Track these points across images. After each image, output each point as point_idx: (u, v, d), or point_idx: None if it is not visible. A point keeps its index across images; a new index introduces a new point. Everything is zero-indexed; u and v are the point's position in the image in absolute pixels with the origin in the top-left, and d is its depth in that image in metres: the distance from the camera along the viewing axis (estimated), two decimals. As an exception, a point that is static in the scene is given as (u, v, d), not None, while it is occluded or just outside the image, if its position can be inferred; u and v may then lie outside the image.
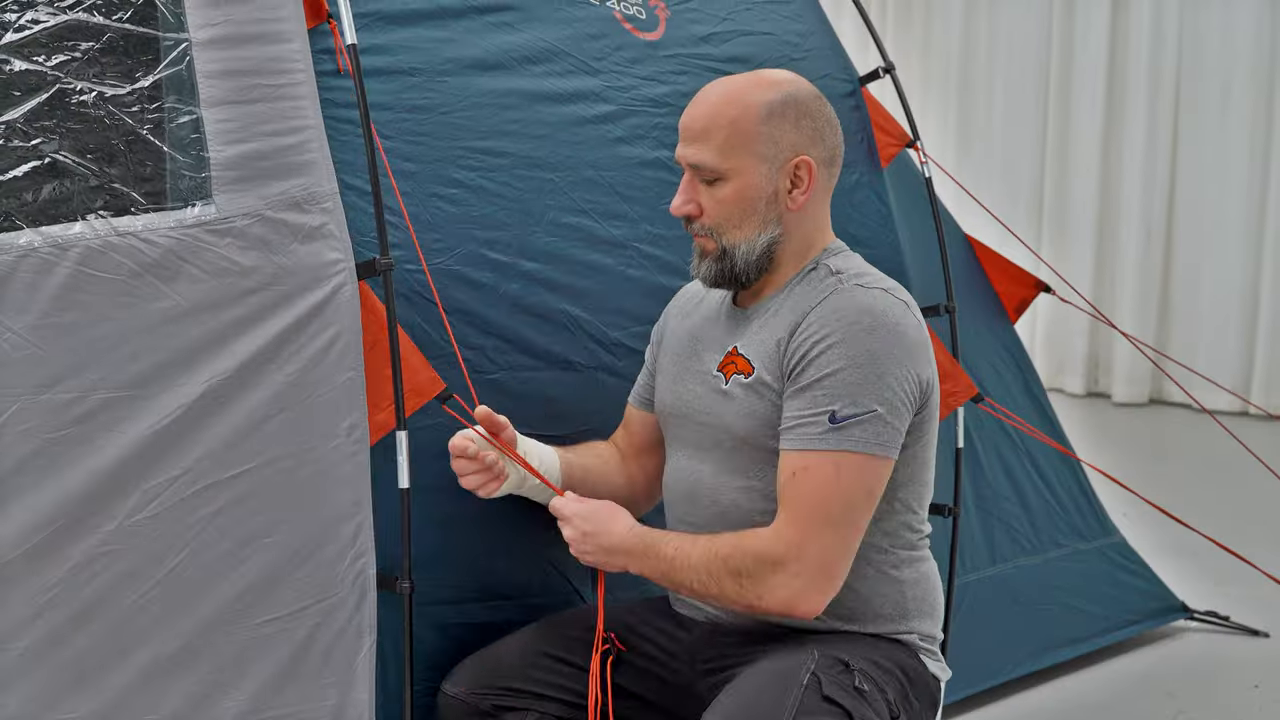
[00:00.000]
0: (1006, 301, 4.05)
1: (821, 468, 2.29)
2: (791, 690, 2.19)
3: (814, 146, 2.47)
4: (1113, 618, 4.07)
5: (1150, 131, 8.42)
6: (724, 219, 2.46)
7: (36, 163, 2.33)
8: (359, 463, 2.46)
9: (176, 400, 2.32)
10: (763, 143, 2.43)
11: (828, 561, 2.29)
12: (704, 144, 2.45)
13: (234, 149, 2.44)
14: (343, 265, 2.48)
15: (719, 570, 2.33)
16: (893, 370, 2.30)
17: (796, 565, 2.28)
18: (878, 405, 2.29)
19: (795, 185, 2.46)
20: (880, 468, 2.32)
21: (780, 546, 2.29)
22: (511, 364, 2.75)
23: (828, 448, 2.28)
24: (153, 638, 2.29)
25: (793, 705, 2.16)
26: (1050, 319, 8.84)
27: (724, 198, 2.45)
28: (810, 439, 2.30)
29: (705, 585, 2.35)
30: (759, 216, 2.46)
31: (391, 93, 2.73)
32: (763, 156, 2.43)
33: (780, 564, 2.28)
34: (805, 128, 2.46)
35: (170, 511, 2.30)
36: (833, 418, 2.29)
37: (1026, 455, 3.96)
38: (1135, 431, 7.87)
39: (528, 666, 2.55)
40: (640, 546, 2.44)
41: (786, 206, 2.47)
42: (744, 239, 2.46)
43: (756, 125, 2.43)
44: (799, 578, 2.28)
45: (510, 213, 2.81)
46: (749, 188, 2.44)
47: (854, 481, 2.30)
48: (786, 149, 2.44)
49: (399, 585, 2.47)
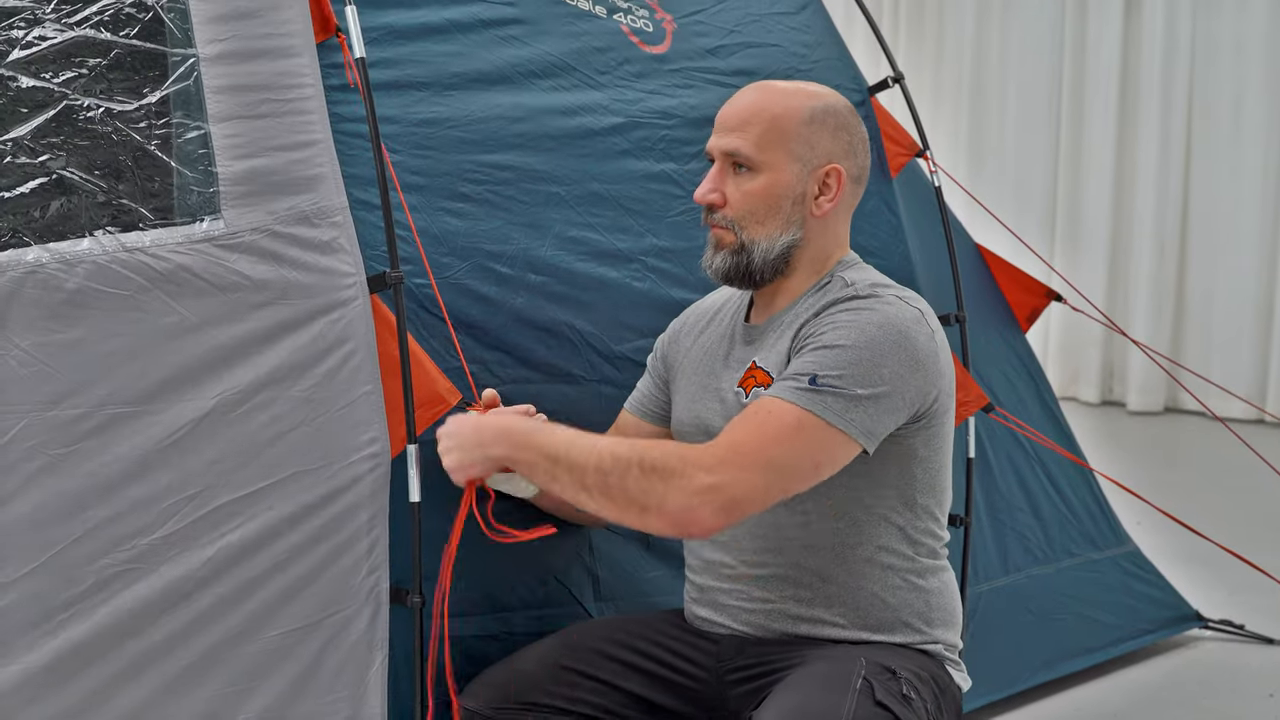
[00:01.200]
0: (1018, 311, 4.05)
1: (785, 416, 2.24)
2: (847, 694, 2.18)
3: (847, 159, 2.49)
4: (1127, 627, 4.05)
5: (1163, 140, 8.41)
6: (748, 212, 2.47)
7: (44, 179, 2.33)
8: (379, 477, 2.46)
9: (185, 416, 2.32)
10: (800, 144, 2.45)
11: (742, 495, 2.21)
12: (743, 133, 2.46)
13: (242, 164, 2.44)
14: (354, 279, 2.48)
15: (630, 458, 2.23)
16: (888, 366, 2.29)
17: (715, 480, 2.19)
18: (860, 388, 2.26)
19: (823, 192, 2.48)
20: (840, 444, 2.27)
21: (710, 459, 2.20)
22: (515, 377, 2.76)
23: (796, 401, 2.25)
24: (167, 653, 2.29)
25: (850, 709, 2.15)
26: (1064, 328, 8.83)
27: (752, 190, 2.46)
28: (786, 389, 2.27)
29: (603, 474, 2.24)
30: (783, 216, 2.47)
31: (399, 106, 2.74)
32: (797, 157, 2.45)
33: (701, 473, 2.19)
34: (842, 139, 2.49)
35: (185, 530, 2.30)
36: (813, 379, 2.26)
37: (1039, 464, 3.96)
38: (1150, 440, 7.85)
39: (547, 680, 2.54)
40: (526, 424, 2.37)
41: (811, 211, 2.48)
42: (765, 235, 2.47)
43: (797, 126, 2.45)
44: (712, 493, 2.18)
45: (517, 226, 2.81)
46: (779, 184, 2.45)
47: (809, 444, 2.25)
48: (821, 155, 2.46)
49: (410, 599, 2.47)
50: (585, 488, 2.28)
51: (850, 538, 2.42)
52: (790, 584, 2.45)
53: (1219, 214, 8.36)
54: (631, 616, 2.73)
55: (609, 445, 2.28)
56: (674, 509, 2.20)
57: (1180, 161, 8.43)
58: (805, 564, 2.44)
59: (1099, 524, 4.13)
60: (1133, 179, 8.62)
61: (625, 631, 2.62)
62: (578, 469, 2.27)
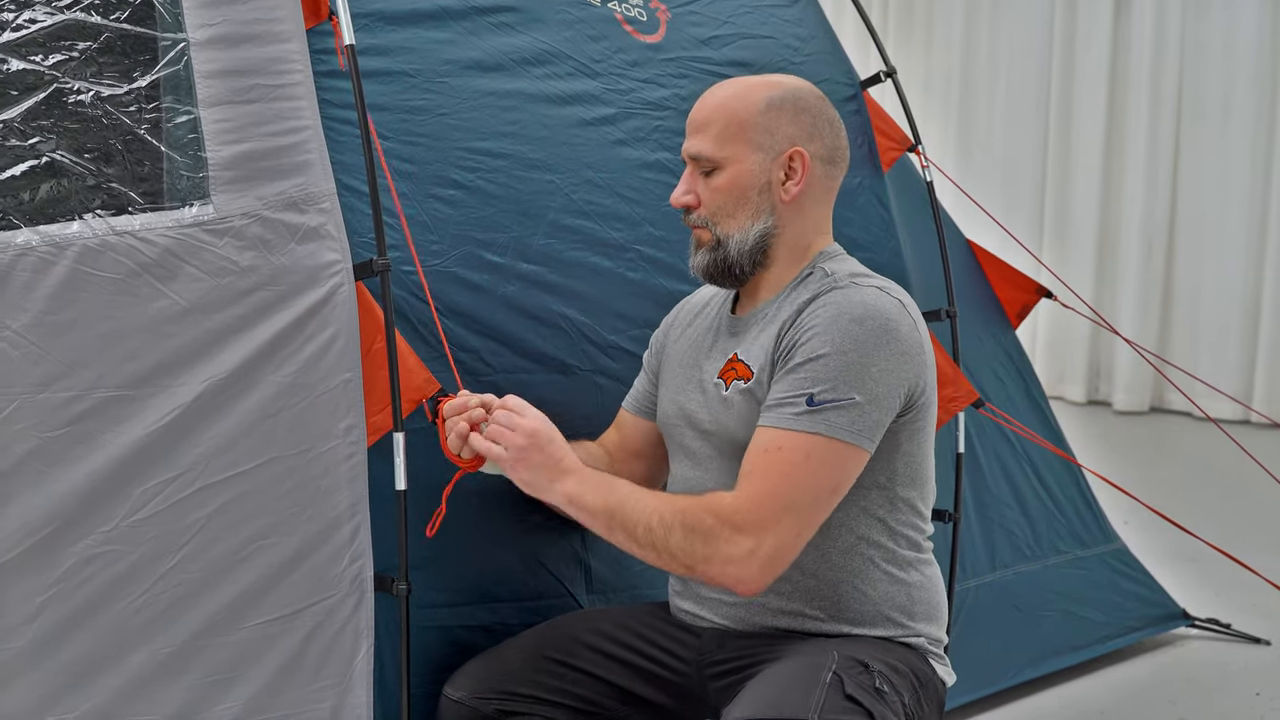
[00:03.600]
0: (1008, 307, 4.04)
1: (794, 451, 2.27)
2: (815, 688, 2.17)
3: (810, 141, 2.48)
4: (1113, 625, 4.05)
5: (1151, 137, 8.42)
6: (718, 208, 2.48)
7: (34, 162, 2.32)
8: (356, 464, 2.46)
9: (174, 400, 2.31)
10: (758, 132, 2.45)
11: (781, 549, 2.27)
12: (704, 134, 2.48)
13: (231, 149, 2.43)
14: (340, 266, 2.47)
15: (673, 519, 2.30)
16: (877, 363, 2.29)
17: (753, 543, 2.26)
18: (856, 394, 2.28)
19: (789, 177, 2.48)
20: (851, 457, 2.30)
21: (740, 518, 2.26)
22: (507, 366, 2.74)
23: (801, 429, 2.27)
24: (149, 639, 2.28)
25: (817, 703, 2.14)
26: (1051, 327, 8.84)
27: (719, 186, 2.47)
28: (785, 418, 2.29)
29: (651, 532, 2.31)
30: (752, 206, 2.47)
31: (390, 93, 2.73)
32: (758, 146, 2.45)
33: (737, 535, 2.26)
34: (803, 122, 2.48)
35: (168, 513, 2.30)
36: (810, 400, 2.28)
37: (1027, 461, 3.95)
38: (1136, 439, 7.86)
39: (531, 671, 2.54)
40: (594, 475, 2.41)
41: (780, 198, 2.47)
42: (737, 228, 2.47)
43: (754, 115, 2.46)
44: (752, 556, 2.26)
45: (509, 214, 2.80)
46: (743, 175, 2.46)
47: (822, 470, 2.28)
48: (782, 140, 2.46)
49: (395, 587, 2.46)
50: (638, 544, 2.34)
51: (829, 530, 2.42)
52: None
53: (1207, 213, 8.37)
54: (615, 608, 2.73)
55: (657, 505, 2.33)
56: (718, 573, 2.29)
57: (1168, 160, 8.44)
58: (785, 558, 2.44)
59: (1086, 521, 4.12)
60: (1121, 177, 8.64)
61: (609, 623, 2.62)
62: (630, 526, 2.34)
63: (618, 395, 2.83)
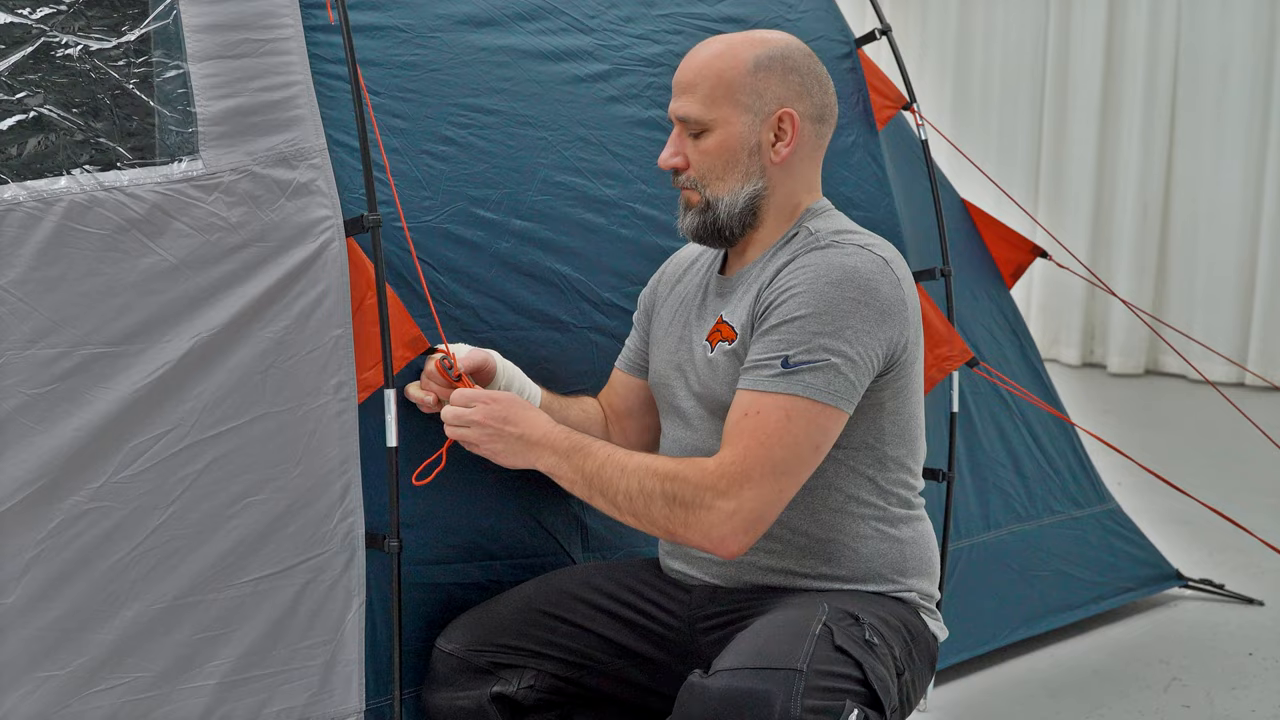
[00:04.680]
0: (1003, 267, 4.03)
1: (773, 412, 2.27)
2: (804, 639, 2.17)
3: (799, 101, 2.46)
4: (1107, 585, 4.06)
5: (1148, 97, 8.38)
6: (708, 170, 2.46)
7: (21, 116, 2.31)
8: (346, 421, 2.45)
9: (163, 357, 2.30)
10: (747, 94, 2.43)
11: (762, 510, 2.27)
12: (691, 95, 2.45)
13: (221, 104, 2.42)
14: (331, 222, 2.46)
15: (653, 488, 2.30)
16: (852, 325, 2.28)
17: (733, 505, 2.25)
18: (832, 355, 2.27)
19: (779, 138, 2.46)
20: (830, 418, 2.29)
21: (723, 483, 2.26)
22: (503, 323, 2.73)
23: (777, 390, 2.27)
24: (139, 596, 2.28)
25: (806, 654, 2.13)
26: (1046, 289, 8.82)
27: (708, 148, 2.45)
28: (762, 380, 2.29)
29: (631, 500, 2.32)
30: (742, 168, 2.45)
31: (381, 49, 2.71)
32: (746, 107, 2.43)
33: (717, 500, 2.26)
34: (792, 82, 2.45)
35: (157, 469, 2.29)
36: (785, 362, 2.27)
37: (1022, 421, 3.95)
38: (1130, 402, 7.86)
39: (524, 624, 2.55)
40: (567, 443, 2.41)
41: (769, 159, 2.46)
42: (727, 191, 2.46)
43: (742, 77, 2.43)
44: (732, 519, 2.25)
45: (501, 171, 2.79)
46: (732, 138, 2.44)
47: (802, 431, 2.27)
48: (771, 101, 2.44)
49: (387, 544, 2.46)
50: (618, 509, 2.35)
51: (819, 489, 2.42)
52: (761, 536, 2.44)
53: (1202, 174, 8.33)
54: (607, 563, 2.73)
55: (637, 469, 2.33)
56: (699, 539, 2.29)
57: (1165, 120, 8.40)
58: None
59: (1080, 482, 4.12)
60: (1117, 138, 8.60)
61: (601, 577, 2.62)
62: (610, 493, 2.35)
63: (612, 351, 2.82)
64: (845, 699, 2.13)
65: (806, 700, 2.07)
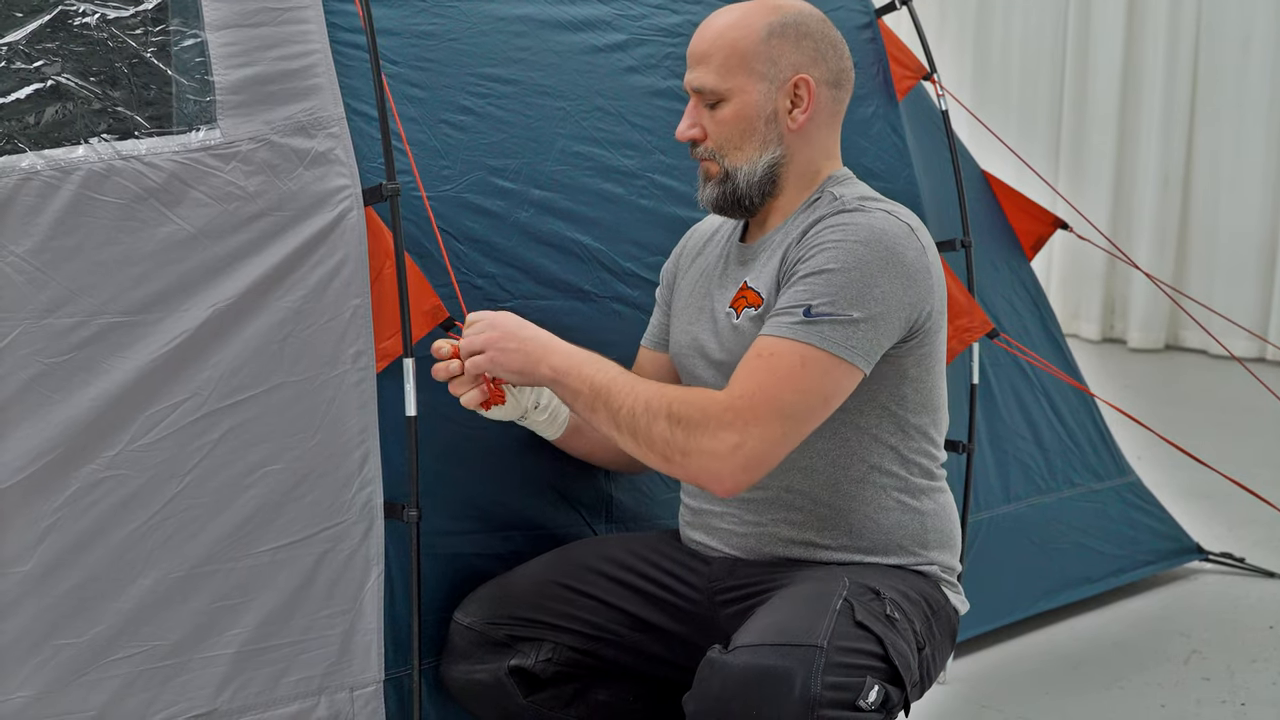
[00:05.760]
0: (1023, 238, 4.01)
1: (789, 356, 2.24)
2: (825, 614, 2.15)
3: (814, 66, 2.45)
4: (1127, 558, 4.04)
5: (1169, 68, 8.33)
6: (725, 140, 2.45)
7: (39, 85, 2.30)
8: (365, 390, 2.45)
9: (180, 326, 2.29)
10: (761, 62, 2.42)
11: (764, 450, 2.23)
12: (705, 66, 2.44)
13: (239, 73, 2.41)
14: (349, 191, 2.45)
15: (659, 407, 2.26)
16: (880, 285, 2.27)
17: (736, 439, 2.22)
18: (855, 311, 2.25)
19: (795, 105, 2.44)
20: (845, 373, 2.27)
21: (729, 415, 2.23)
22: (525, 292, 2.72)
23: (796, 338, 2.25)
24: (156, 564, 2.28)
25: (827, 629, 2.12)
26: (1066, 263, 8.79)
27: (725, 118, 2.44)
28: (783, 326, 2.27)
29: (634, 417, 2.28)
30: (759, 136, 2.44)
31: (399, 18, 2.70)
32: (762, 75, 2.42)
33: (723, 430, 2.22)
34: (806, 48, 2.44)
35: (174, 437, 2.29)
36: (807, 311, 2.25)
37: (1042, 393, 3.93)
38: (1151, 377, 7.83)
39: (542, 597, 2.54)
40: (581, 353, 2.39)
41: (787, 127, 2.45)
42: (745, 160, 2.45)
43: (756, 45, 2.42)
44: (734, 454, 2.22)
45: (520, 140, 2.77)
46: (748, 106, 2.43)
47: (816, 380, 2.25)
48: (786, 68, 2.43)
49: (405, 513, 2.45)
50: (619, 427, 2.31)
51: (841, 459, 2.41)
52: (781, 507, 2.44)
53: (1224, 146, 8.28)
54: (627, 535, 2.73)
55: (646, 390, 2.30)
56: (696, 468, 2.25)
57: (1186, 91, 8.35)
58: (796, 487, 2.42)
59: (1101, 454, 4.11)
60: (1138, 109, 8.56)
61: (620, 549, 2.62)
62: (614, 407, 2.31)
63: (635, 321, 2.81)
64: (866, 675, 2.12)
65: (827, 677, 2.06)
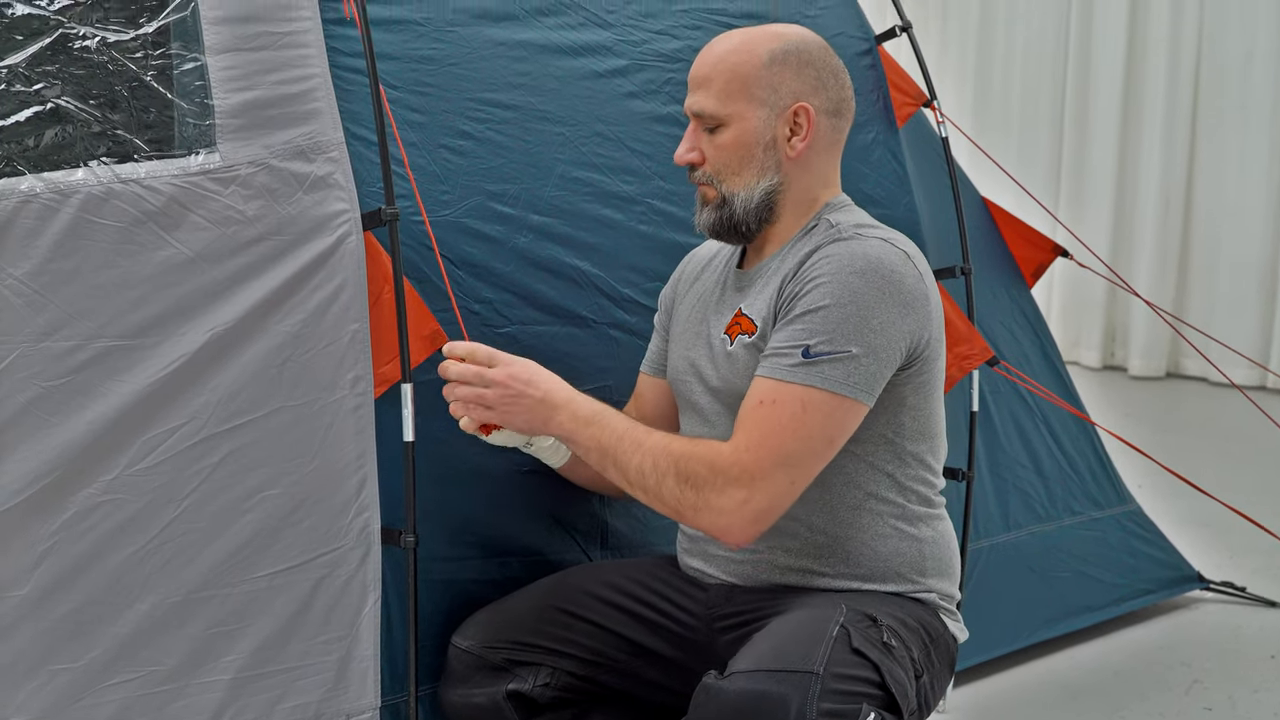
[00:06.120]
0: (1023, 266, 4.01)
1: (789, 403, 2.25)
2: (821, 642, 2.14)
3: (815, 95, 2.44)
4: (1128, 587, 4.03)
5: (1170, 97, 8.32)
6: (723, 165, 2.45)
7: (39, 108, 2.30)
8: (363, 416, 2.45)
9: (178, 350, 2.29)
10: (762, 88, 2.41)
11: (771, 503, 2.25)
12: (706, 90, 2.44)
13: (238, 96, 2.41)
14: (348, 215, 2.45)
15: (667, 466, 2.28)
16: (877, 315, 2.26)
17: (744, 495, 2.23)
18: (854, 347, 2.25)
19: (794, 132, 2.44)
20: (848, 411, 2.27)
21: (736, 470, 2.24)
22: (522, 318, 2.72)
23: (796, 380, 2.24)
24: (153, 590, 2.27)
25: (823, 657, 2.11)
26: (1067, 290, 8.79)
27: (723, 144, 2.44)
28: (781, 369, 2.27)
29: (644, 476, 2.30)
30: (757, 163, 2.44)
31: (399, 43, 2.70)
32: (762, 102, 2.42)
33: (730, 486, 2.24)
34: (807, 76, 2.44)
35: (171, 462, 2.28)
36: (806, 352, 2.25)
37: (1042, 420, 3.92)
38: (1151, 405, 7.82)
39: (540, 621, 2.54)
40: (589, 410, 2.39)
41: (785, 154, 2.44)
42: (743, 186, 2.44)
43: (757, 71, 2.42)
44: (742, 509, 2.23)
45: (519, 166, 2.77)
46: (747, 133, 2.42)
47: (818, 424, 2.25)
48: (786, 95, 2.42)
49: (403, 539, 2.45)
50: (630, 484, 2.34)
51: (838, 487, 2.40)
52: (778, 534, 2.43)
53: (1225, 172, 8.27)
54: (625, 561, 2.72)
55: (653, 447, 2.31)
56: (707, 524, 2.27)
57: (1187, 118, 8.34)
58: (793, 514, 2.41)
59: (1101, 482, 4.10)
60: (1138, 136, 8.55)
61: (617, 575, 2.61)
62: (622, 466, 2.33)
63: (632, 348, 2.81)
64: (862, 703, 2.11)
65: (822, 704, 2.05)
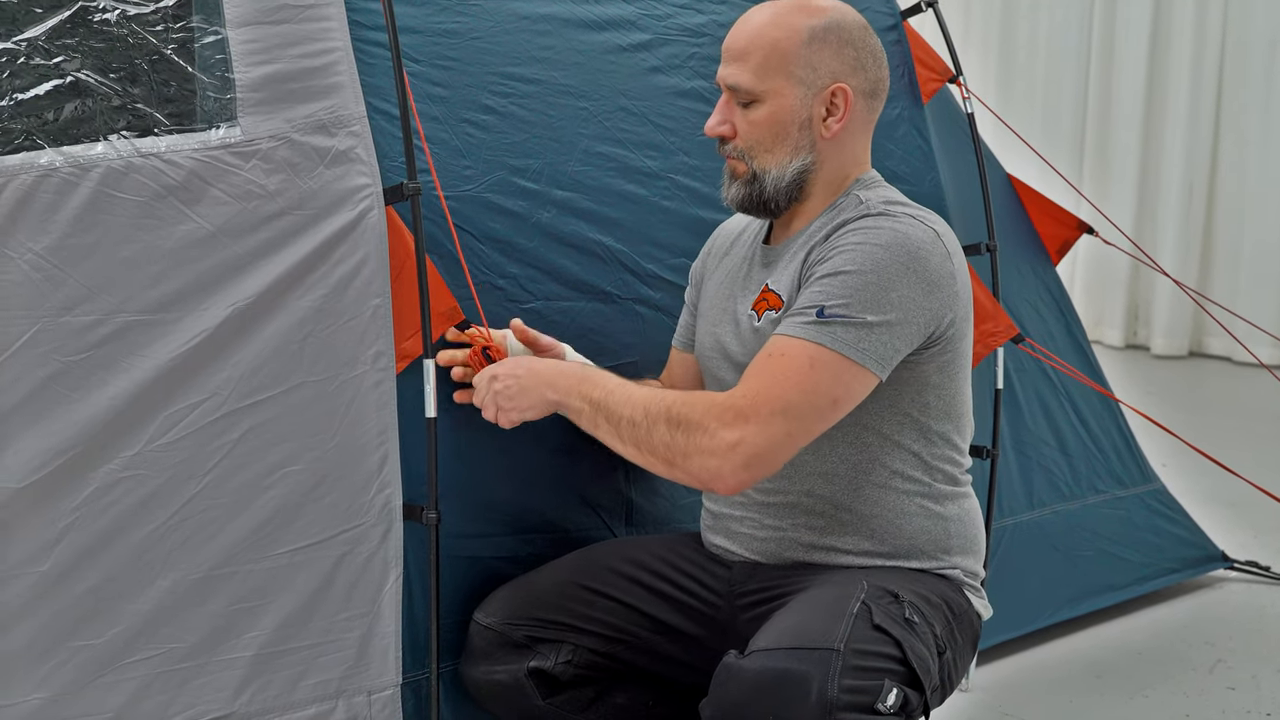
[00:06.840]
0: (1048, 243, 3.99)
1: (798, 357, 2.21)
2: (842, 618, 2.12)
3: (853, 75, 2.41)
4: (1152, 565, 4.01)
5: (1195, 72, 8.29)
6: (756, 142, 2.42)
7: (58, 81, 2.29)
8: (384, 391, 2.43)
9: (199, 325, 2.28)
10: (801, 66, 2.38)
11: (764, 448, 2.18)
12: (742, 64, 2.40)
13: (260, 70, 2.39)
14: (370, 190, 2.43)
15: (658, 412, 2.24)
16: (898, 289, 2.23)
17: (735, 437, 2.18)
18: (870, 315, 2.21)
19: (830, 113, 2.41)
20: (856, 376, 2.23)
21: (729, 414, 2.19)
22: (546, 294, 2.70)
23: (807, 337, 2.21)
24: (174, 566, 2.26)
25: (844, 633, 2.09)
26: (1090, 269, 8.75)
27: (757, 120, 2.40)
28: (795, 325, 2.24)
29: (635, 427, 2.26)
30: (791, 142, 2.40)
31: (421, 16, 2.68)
32: (800, 80, 2.38)
33: (722, 429, 2.18)
34: (847, 56, 2.40)
35: (193, 437, 2.27)
36: (821, 311, 2.22)
37: (1066, 399, 3.90)
38: (1174, 384, 7.79)
39: (563, 598, 2.53)
40: (578, 370, 2.38)
41: (820, 134, 2.41)
42: (775, 164, 2.41)
43: (797, 48, 2.38)
44: (732, 452, 2.17)
45: (542, 141, 2.75)
46: (783, 110, 2.39)
47: (824, 381, 2.21)
48: (825, 75, 2.39)
49: (425, 516, 2.43)
50: (621, 438, 2.29)
51: (863, 465, 2.38)
52: (802, 512, 2.41)
53: (1249, 151, 8.23)
54: (648, 538, 2.71)
55: (644, 397, 2.28)
56: (696, 467, 2.21)
57: (1211, 95, 8.31)
58: (817, 491, 2.40)
59: (1125, 461, 4.08)
60: (1162, 113, 8.51)
61: (641, 552, 2.60)
62: (614, 419, 2.29)
63: (657, 323, 2.80)
64: (884, 679, 2.09)
65: (844, 680, 2.04)
